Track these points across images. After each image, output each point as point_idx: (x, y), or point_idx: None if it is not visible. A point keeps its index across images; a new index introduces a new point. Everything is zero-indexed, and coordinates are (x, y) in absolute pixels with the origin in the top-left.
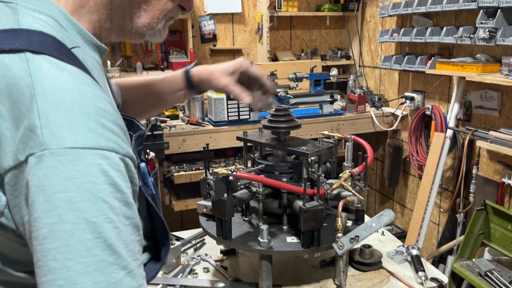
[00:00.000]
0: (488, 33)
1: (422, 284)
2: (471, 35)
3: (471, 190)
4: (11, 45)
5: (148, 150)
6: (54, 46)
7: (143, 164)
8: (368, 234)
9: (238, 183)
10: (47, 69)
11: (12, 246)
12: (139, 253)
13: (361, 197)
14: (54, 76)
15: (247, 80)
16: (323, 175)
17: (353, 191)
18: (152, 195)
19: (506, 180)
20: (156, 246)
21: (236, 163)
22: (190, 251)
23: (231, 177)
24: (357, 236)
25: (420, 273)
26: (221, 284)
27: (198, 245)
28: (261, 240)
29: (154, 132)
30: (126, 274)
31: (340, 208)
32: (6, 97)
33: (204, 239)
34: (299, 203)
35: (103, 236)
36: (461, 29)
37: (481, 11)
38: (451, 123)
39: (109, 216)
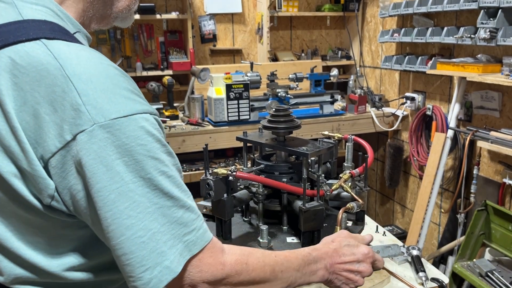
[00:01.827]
0: (489, 33)
1: (422, 284)
2: (471, 35)
3: (471, 191)
4: (25, 35)
5: None
6: (62, 31)
7: None
8: None
9: (238, 183)
10: (68, 50)
11: (60, 232)
12: (187, 189)
13: (360, 201)
14: (77, 56)
15: None
16: (323, 175)
17: (352, 193)
18: None
19: (507, 181)
20: None
21: (236, 163)
22: None
23: (231, 177)
24: None
25: (421, 274)
26: None
27: None
28: (261, 240)
29: None
30: (185, 211)
31: (340, 216)
32: (39, 83)
33: None
34: (299, 203)
35: (159, 187)
36: (461, 29)
37: (482, 11)
38: (452, 123)
39: (161, 169)
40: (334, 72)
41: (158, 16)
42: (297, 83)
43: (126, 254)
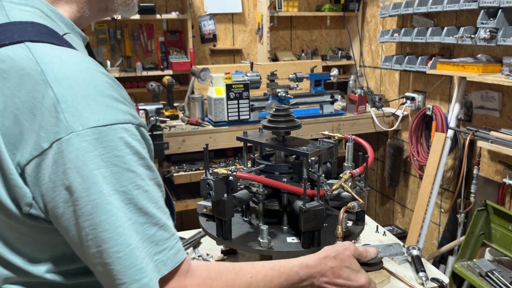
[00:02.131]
0: (489, 33)
1: (422, 284)
2: (472, 35)
3: (471, 191)
4: (9, 38)
5: None
6: (49, 33)
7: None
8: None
9: (238, 183)
10: (51, 54)
11: (42, 238)
12: (165, 206)
13: (361, 201)
14: (60, 60)
15: None
16: (323, 175)
17: (353, 193)
18: None
19: (507, 181)
20: None
21: (236, 163)
22: (190, 250)
23: (231, 177)
24: None
25: (421, 274)
26: None
27: (195, 244)
28: (261, 240)
29: (154, 132)
30: (158, 229)
31: (341, 216)
32: (19, 88)
33: (200, 238)
34: (299, 203)
35: (133, 201)
36: (462, 29)
37: (482, 11)
38: (452, 123)
39: (137, 183)
40: (334, 72)
41: (158, 16)
42: (297, 83)
43: (103, 265)
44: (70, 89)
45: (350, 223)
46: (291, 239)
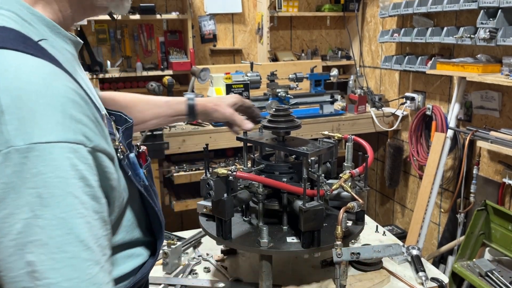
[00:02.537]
0: (488, 33)
1: (422, 284)
2: (471, 35)
3: (471, 190)
4: None
5: (138, 144)
6: (18, 40)
7: (132, 155)
8: (369, 256)
9: (238, 183)
10: (10, 62)
11: None
12: (107, 248)
13: (361, 201)
14: (17, 69)
15: (242, 112)
16: (323, 175)
17: (352, 193)
18: (145, 186)
19: (506, 180)
20: (154, 240)
21: (236, 163)
22: (190, 251)
23: (231, 177)
24: (359, 253)
25: (421, 273)
26: (221, 284)
27: (195, 244)
28: (261, 240)
29: (154, 132)
30: (99, 270)
31: (340, 216)
32: None
33: (200, 238)
34: (299, 203)
35: (74, 232)
36: (461, 29)
37: (482, 11)
38: (452, 123)
39: (79, 211)
40: (334, 72)
41: (158, 16)
42: (297, 83)
43: None
44: (19, 101)
45: (350, 223)
46: (291, 239)
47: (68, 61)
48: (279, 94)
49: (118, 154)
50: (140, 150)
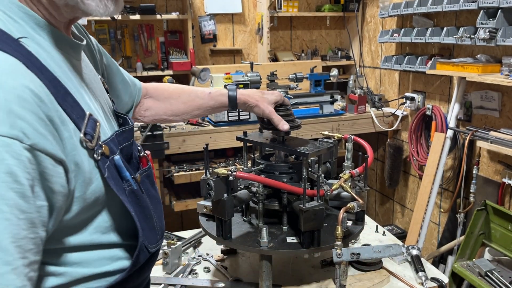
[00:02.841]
0: (488, 33)
1: (422, 284)
2: (471, 36)
3: (471, 190)
4: None
5: (139, 147)
6: None
7: (117, 157)
8: (369, 257)
9: (238, 183)
10: None
11: None
12: (32, 252)
13: (361, 201)
14: None
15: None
16: (323, 175)
17: (352, 193)
18: (132, 190)
19: (506, 180)
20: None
21: (236, 163)
22: (190, 250)
23: (231, 177)
24: (359, 254)
25: (420, 273)
26: (221, 284)
27: (195, 244)
28: (261, 240)
29: (154, 132)
30: (10, 271)
31: (340, 216)
32: None
33: (200, 238)
34: (299, 203)
35: None
36: (461, 29)
37: (482, 11)
38: (452, 123)
39: (2, 208)
40: (334, 72)
41: (158, 17)
42: (297, 83)
43: None
44: None
45: (349, 223)
46: (291, 239)
47: (54, 60)
48: None
49: (95, 155)
50: (141, 154)
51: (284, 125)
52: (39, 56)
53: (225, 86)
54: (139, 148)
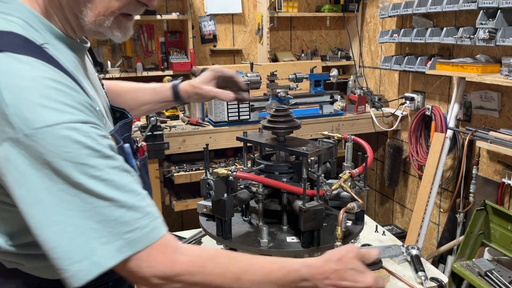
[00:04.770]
0: (488, 33)
1: (422, 284)
2: (471, 36)
3: (471, 190)
4: None
5: (137, 139)
6: (20, 44)
7: (126, 145)
8: None
9: (238, 183)
10: (9, 63)
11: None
12: (139, 188)
13: (360, 201)
14: (17, 69)
15: (223, 83)
16: (323, 175)
17: (352, 193)
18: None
19: (506, 180)
20: None
21: (236, 163)
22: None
23: (231, 177)
24: None
25: (420, 273)
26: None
27: (195, 244)
28: (261, 240)
29: (155, 132)
30: (126, 210)
31: (340, 216)
32: None
33: (201, 238)
34: (299, 203)
35: (91, 191)
36: (461, 29)
37: (481, 11)
38: (451, 123)
39: (91, 174)
40: (334, 72)
41: (158, 17)
42: (297, 83)
43: (54, 248)
44: (19, 95)
45: (349, 223)
46: (290, 239)
47: (69, 63)
48: (279, 94)
49: None
50: (138, 145)
51: (228, 95)
52: (58, 59)
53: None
54: (135, 139)
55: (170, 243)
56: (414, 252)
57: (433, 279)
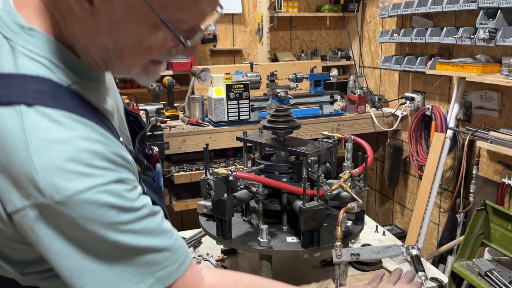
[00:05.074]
0: (488, 33)
1: (422, 284)
2: (471, 36)
3: (471, 190)
4: (7, 96)
5: (152, 146)
6: (48, 92)
7: (159, 165)
8: (369, 257)
9: (238, 183)
10: (40, 123)
11: (23, 247)
12: (167, 225)
13: (360, 201)
14: (46, 130)
15: None
16: (323, 175)
17: (352, 193)
18: (159, 187)
19: (506, 180)
20: None
21: (236, 163)
22: (190, 250)
23: (231, 177)
24: (358, 254)
25: (420, 273)
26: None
27: (195, 244)
28: (261, 240)
29: (155, 132)
30: (158, 253)
31: (340, 217)
32: (1, 152)
33: (201, 238)
34: (299, 203)
35: (124, 244)
36: (461, 29)
37: (481, 11)
38: (451, 123)
39: (123, 229)
40: (334, 72)
41: None
42: (297, 83)
43: None
44: (49, 160)
45: (349, 223)
46: (290, 239)
47: (95, 94)
48: (279, 94)
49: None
50: (153, 153)
51: None
52: (85, 96)
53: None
54: (151, 147)
55: (196, 272)
56: (414, 252)
57: (433, 279)
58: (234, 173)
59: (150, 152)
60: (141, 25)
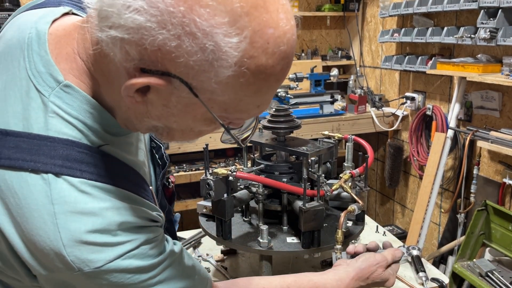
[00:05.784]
0: (489, 33)
1: (422, 284)
2: (472, 35)
3: (471, 191)
4: (34, 162)
5: (169, 176)
6: (77, 159)
7: (177, 215)
8: None
9: (238, 183)
10: (68, 195)
11: None
12: (189, 260)
13: (361, 202)
14: (75, 202)
15: None
16: (323, 175)
17: (352, 194)
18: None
19: (507, 181)
20: None
21: (236, 163)
22: (190, 251)
23: (231, 177)
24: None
25: (421, 274)
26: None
27: (195, 244)
28: (261, 240)
29: None
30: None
31: (341, 219)
32: (27, 221)
33: (200, 238)
34: (299, 203)
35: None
36: (461, 29)
37: (482, 11)
38: (452, 123)
39: (151, 283)
40: (334, 72)
41: None
42: (297, 83)
43: None
44: (77, 233)
45: (350, 223)
46: (291, 239)
47: (127, 149)
48: (279, 94)
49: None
50: (170, 186)
51: None
52: (118, 156)
53: None
54: (168, 178)
55: None
56: (414, 252)
57: (433, 279)
58: (234, 173)
59: (167, 184)
60: (196, 120)
